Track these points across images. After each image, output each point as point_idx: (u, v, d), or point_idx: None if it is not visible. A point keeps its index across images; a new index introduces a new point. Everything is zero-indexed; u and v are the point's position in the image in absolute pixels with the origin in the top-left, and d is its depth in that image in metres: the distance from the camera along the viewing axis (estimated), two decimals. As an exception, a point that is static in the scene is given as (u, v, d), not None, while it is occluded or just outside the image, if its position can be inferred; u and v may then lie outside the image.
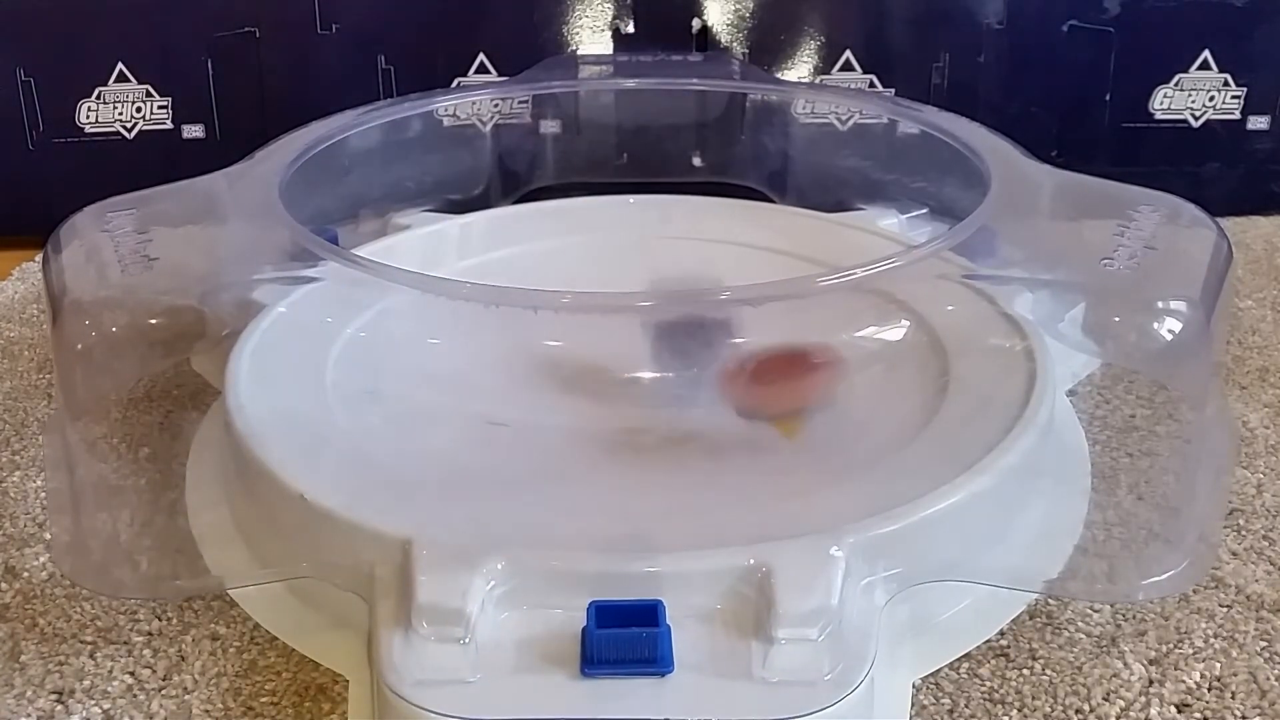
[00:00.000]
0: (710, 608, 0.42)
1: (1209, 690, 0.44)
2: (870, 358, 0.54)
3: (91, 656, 0.46)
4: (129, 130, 0.84)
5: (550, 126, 0.81)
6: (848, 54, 0.83)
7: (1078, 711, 0.43)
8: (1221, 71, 0.84)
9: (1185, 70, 0.84)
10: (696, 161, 0.81)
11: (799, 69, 0.84)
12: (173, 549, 0.50)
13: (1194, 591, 0.48)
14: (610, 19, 0.83)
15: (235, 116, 0.83)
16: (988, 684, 0.44)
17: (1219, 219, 0.53)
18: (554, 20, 0.83)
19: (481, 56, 0.83)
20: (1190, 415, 0.53)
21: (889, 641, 0.43)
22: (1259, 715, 0.43)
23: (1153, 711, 0.43)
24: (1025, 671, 0.45)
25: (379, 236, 0.71)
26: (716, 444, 0.51)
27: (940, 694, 0.44)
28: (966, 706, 0.43)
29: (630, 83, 0.78)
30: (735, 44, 0.83)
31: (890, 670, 0.42)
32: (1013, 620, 0.47)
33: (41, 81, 0.82)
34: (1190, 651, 0.46)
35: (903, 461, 0.49)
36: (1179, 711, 0.43)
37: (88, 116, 0.83)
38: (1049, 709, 0.43)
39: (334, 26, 0.82)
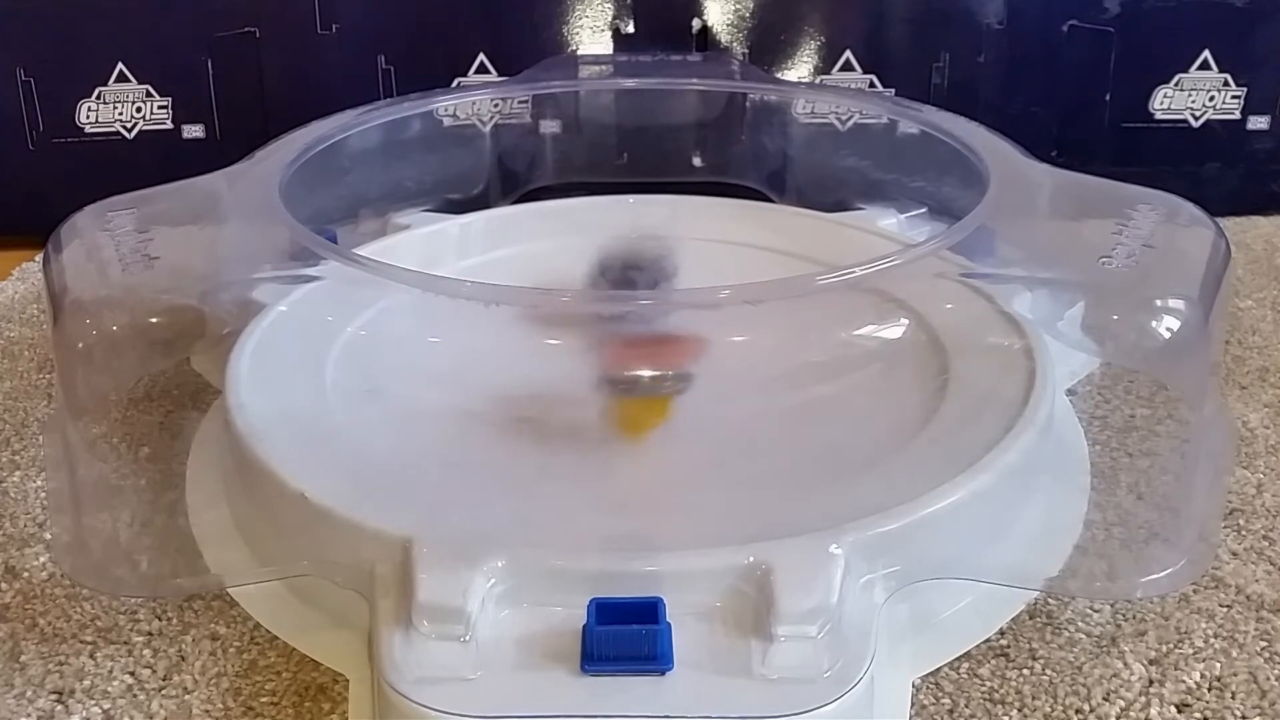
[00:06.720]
0: (710, 605, 0.42)
1: (1209, 690, 0.44)
2: (869, 357, 0.54)
3: (91, 656, 0.46)
4: (129, 130, 0.84)
5: (550, 126, 0.81)
6: (848, 54, 0.83)
7: (1078, 711, 0.43)
8: (1221, 71, 0.84)
9: (1185, 70, 0.84)
10: (696, 161, 0.81)
11: (799, 69, 0.84)
12: (173, 548, 0.50)
13: (1194, 591, 0.48)
14: (610, 19, 0.83)
15: (235, 116, 0.83)
16: (988, 684, 0.44)
17: (1219, 219, 0.53)
18: (554, 20, 0.83)
19: (481, 56, 0.83)
20: (1189, 414, 0.53)
21: (888, 639, 0.43)
22: (1259, 715, 0.43)
23: (1153, 711, 0.43)
24: (1025, 671, 0.45)
25: (379, 236, 0.71)
26: (716, 442, 0.51)
27: (940, 694, 0.44)
28: (966, 706, 0.43)
29: (630, 83, 0.78)
30: (735, 44, 0.84)
31: (890, 668, 0.42)
32: (1013, 620, 0.47)
33: (41, 81, 0.82)
34: (1190, 651, 0.45)
35: (902, 460, 0.49)
36: (1179, 711, 0.43)
37: (88, 116, 0.83)
38: (1049, 709, 0.43)
39: (334, 26, 0.82)
